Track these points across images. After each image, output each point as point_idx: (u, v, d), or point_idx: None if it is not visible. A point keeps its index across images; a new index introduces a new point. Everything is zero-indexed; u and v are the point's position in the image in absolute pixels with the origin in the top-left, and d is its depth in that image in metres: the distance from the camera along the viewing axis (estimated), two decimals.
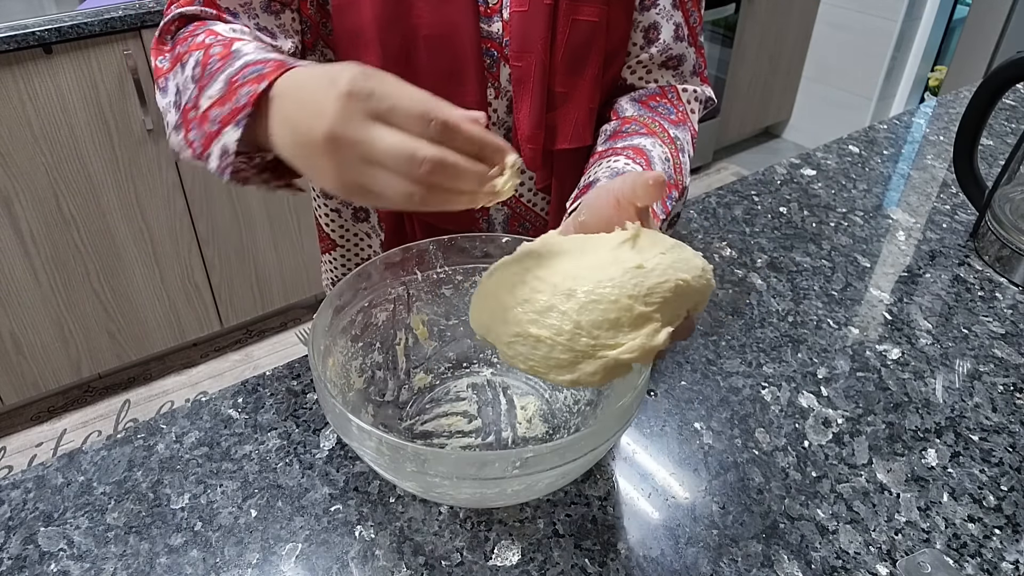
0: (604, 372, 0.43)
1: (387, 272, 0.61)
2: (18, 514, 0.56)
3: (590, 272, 0.44)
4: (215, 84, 0.52)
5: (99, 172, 1.69)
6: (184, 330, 2.02)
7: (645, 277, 0.43)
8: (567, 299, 0.43)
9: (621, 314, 0.42)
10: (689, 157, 0.72)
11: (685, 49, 0.74)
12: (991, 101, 0.85)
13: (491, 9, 0.66)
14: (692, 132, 0.74)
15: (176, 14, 0.63)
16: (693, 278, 0.45)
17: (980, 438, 0.63)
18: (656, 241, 0.46)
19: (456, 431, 0.62)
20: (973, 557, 0.54)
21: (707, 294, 0.47)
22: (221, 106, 0.50)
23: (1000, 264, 0.84)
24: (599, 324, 0.42)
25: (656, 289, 0.43)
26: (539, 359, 0.44)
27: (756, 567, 0.53)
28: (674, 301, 0.44)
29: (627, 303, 0.42)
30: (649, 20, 0.71)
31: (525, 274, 0.45)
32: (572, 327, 0.42)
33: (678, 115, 0.74)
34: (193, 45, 0.58)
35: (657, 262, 0.44)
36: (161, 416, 0.65)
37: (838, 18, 2.98)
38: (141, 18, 1.58)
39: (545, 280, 0.44)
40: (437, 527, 0.55)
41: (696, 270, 0.45)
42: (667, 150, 0.68)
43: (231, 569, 0.52)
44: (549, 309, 0.43)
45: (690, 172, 0.73)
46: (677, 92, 0.76)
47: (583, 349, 0.43)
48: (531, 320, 0.43)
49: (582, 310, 0.42)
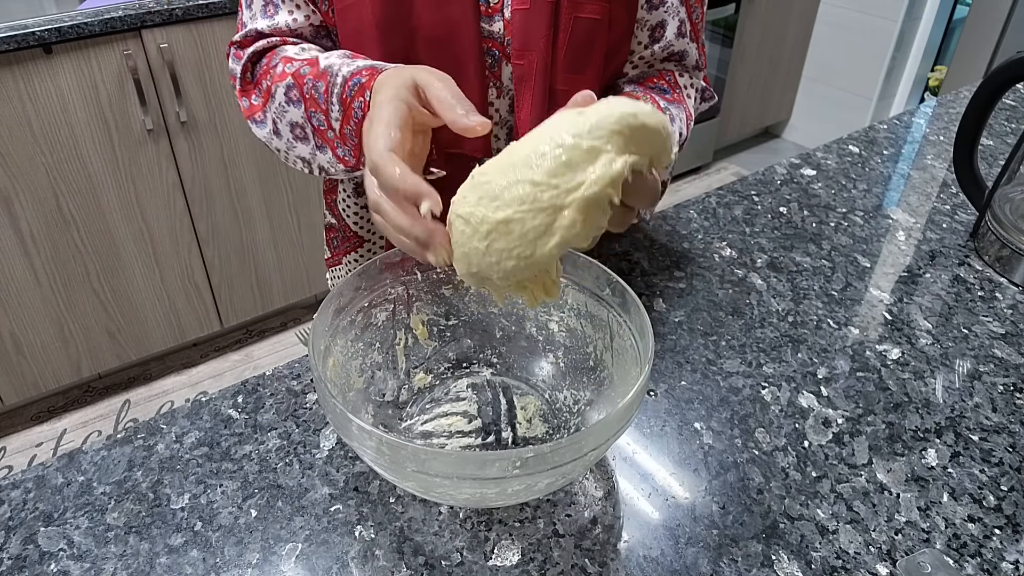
0: (582, 216, 0.42)
1: (387, 272, 0.61)
2: (18, 514, 0.56)
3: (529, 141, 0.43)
4: (333, 107, 0.61)
5: (99, 172, 1.69)
6: (184, 330, 2.02)
7: (587, 117, 0.42)
8: (513, 169, 0.42)
9: (571, 154, 0.41)
10: (680, 132, 0.72)
11: (687, 45, 0.75)
12: (991, 101, 0.85)
13: (492, 8, 0.66)
14: (687, 113, 0.75)
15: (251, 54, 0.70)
16: (641, 112, 0.42)
17: (980, 438, 0.63)
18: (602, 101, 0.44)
19: (456, 431, 0.62)
20: (973, 557, 0.54)
21: (664, 138, 0.44)
22: (348, 123, 0.60)
23: (1000, 264, 0.84)
24: (553, 172, 0.41)
25: (601, 124, 0.41)
26: (519, 241, 0.42)
27: (756, 567, 0.53)
28: (624, 135, 0.42)
29: (572, 142, 0.41)
30: (657, 19, 0.72)
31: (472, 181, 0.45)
32: (531, 187, 0.41)
33: (673, 95, 0.75)
34: (275, 77, 0.67)
35: (598, 106, 0.42)
36: (161, 416, 0.65)
37: (838, 18, 2.98)
38: (141, 18, 1.58)
39: (488, 172, 0.43)
40: (437, 527, 0.55)
41: (644, 107, 0.43)
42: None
43: (231, 569, 0.52)
44: (503, 189, 0.42)
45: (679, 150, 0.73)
46: (674, 76, 0.77)
47: (550, 203, 0.41)
48: (493, 209, 0.42)
49: (531, 168, 0.41)
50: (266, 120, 0.70)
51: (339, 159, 0.64)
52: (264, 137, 0.71)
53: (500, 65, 0.68)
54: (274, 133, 0.69)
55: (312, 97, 0.63)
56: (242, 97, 0.72)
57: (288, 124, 0.67)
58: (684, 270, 0.84)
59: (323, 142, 0.65)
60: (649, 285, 0.81)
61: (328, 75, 0.61)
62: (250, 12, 0.72)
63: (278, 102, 0.67)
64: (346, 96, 0.59)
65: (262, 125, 0.71)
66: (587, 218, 0.42)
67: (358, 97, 0.58)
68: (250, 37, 0.72)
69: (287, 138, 0.68)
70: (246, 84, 0.71)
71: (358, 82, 0.58)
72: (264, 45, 0.70)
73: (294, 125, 0.66)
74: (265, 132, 0.71)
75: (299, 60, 0.66)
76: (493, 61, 0.68)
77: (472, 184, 0.45)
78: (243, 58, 0.70)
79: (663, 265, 0.84)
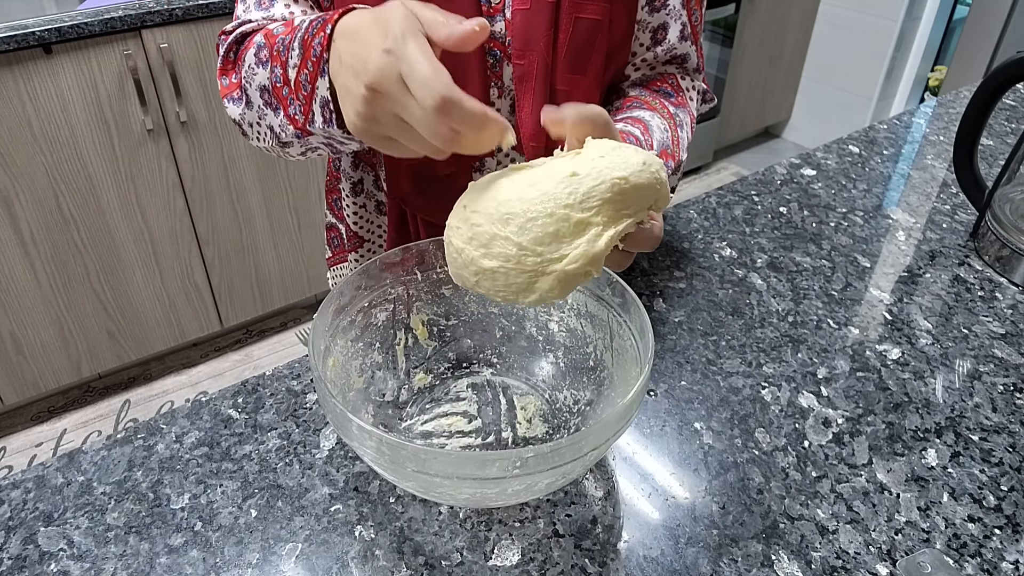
0: (560, 285, 0.44)
1: (387, 272, 0.61)
2: (18, 514, 0.56)
3: (524, 191, 0.43)
4: (293, 52, 0.54)
5: (99, 172, 1.69)
6: (184, 330, 2.02)
7: (579, 183, 0.43)
8: (504, 224, 0.43)
9: (559, 225, 0.42)
10: (687, 136, 0.73)
11: (689, 48, 0.75)
12: (991, 101, 0.85)
13: (493, 8, 0.66)
14: (691, 116, 0.76)
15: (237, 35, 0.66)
16: (632, 174, 0.43)
17: (980, 438, 0.63)
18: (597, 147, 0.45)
19: (456, 431, 0.62)
20: (973, 557, 0.54)
21: (658, 189, 0.45)
22: (304, 67, 0.53)
23: (1000, 264, 0.84)
24: (540, 240, 0.42)
25: (592, 193, 0.42)
26: (503, 288, 0.44)
27: (756, 567, 0.53)
28: (616, 201, 0.43)
29: (563, 213, 0.42)
30: (659, 21, 0.72)
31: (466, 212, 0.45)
32: (517, 250, 0.43)
33: (678, 99, 0.75)
34: (249, 44, 0.62)
35: (592, 166, 0.43)
36: (161, 416, 0.65)
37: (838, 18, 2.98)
38: (141, 18, 1.58)
39: (481, 212, 0.44)
40: (437, 527, 0.55)
41: (635, 165, 0.44)
42: (665, 123, 0.69)
43: (231, 569, 0.52)
44: (492, 239, 0.43)
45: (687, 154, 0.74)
46: (676, 79, 0.77)
47: (533, 268, 0.43)
48: (481, 255, 0.44)
49: (521, 231, 0.42)
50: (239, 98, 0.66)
51: (289, 119, 0.58)
52: (237, 116, 0.66)
53: (501, 65, 0.68)
54: (246, 104, 0.64)
55: (277, 52, 0.57)
56: (221, 76, 0.67)
57: (257, 88, 0.62)
58: (684, 270, 0.84)
59: (277, 101, 0.59)
60: (649, 285, 0.81)
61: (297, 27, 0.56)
62: (244, 5, 0.70)
63: (248, 64, 0.62)
64: (306, 36, 0.53)
65: (237, 102, 0.66)
66: (565, 286, 0.44)
67: (319, 33, 0.51)
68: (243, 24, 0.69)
69: (257, 105, 0.62)
70: (227, 63, 0.67)
71: (322, 19, 0.52)
72: (252, 27, 0.66)
73: (263, 89, 0.61)
74: (239, 109, 0.65)
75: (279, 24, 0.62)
76: (495, 61, 0.68)
77: (463, 218, 0.46)
78: (229, 39, 0.67)
79: (663, 265, 0.84)
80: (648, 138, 0.66)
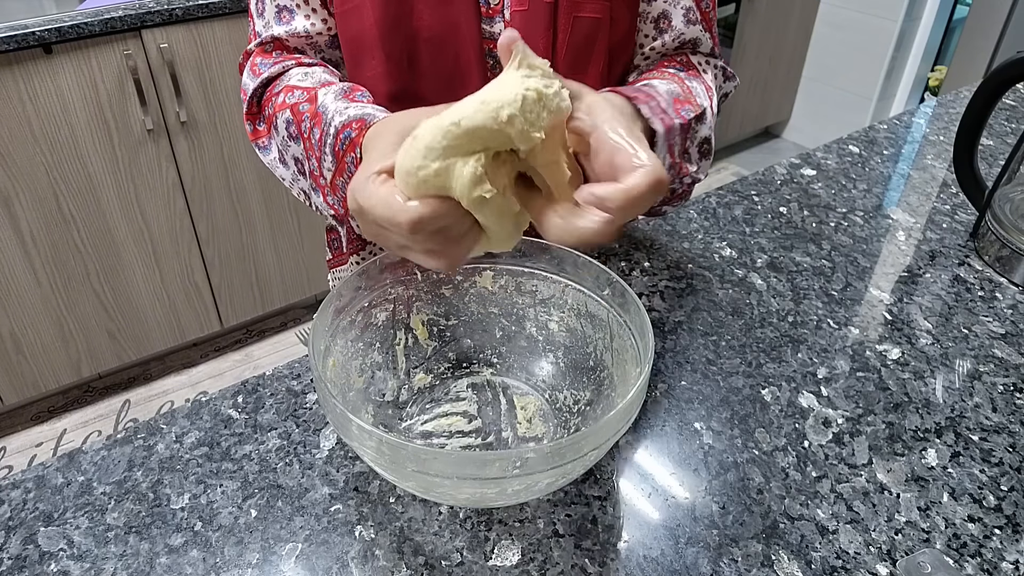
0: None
1: (387, 272, 0.61)
2: (18, 514, 0.56)
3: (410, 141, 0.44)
4: (327, 157, 0.60)
5: (99, 172, 1.69)
6: (184, 330, 2.02)
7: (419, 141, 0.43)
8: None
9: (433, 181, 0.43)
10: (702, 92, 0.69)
11: (699, 33, 0.73)
12: (991, 101, 0.85)
13: (493, 10, 0.66)
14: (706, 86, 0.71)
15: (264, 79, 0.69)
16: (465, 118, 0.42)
17: (980, 438, 0.63)
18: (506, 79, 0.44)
19: (456, 431, 0.62)
20: (973, 557, 0.54)
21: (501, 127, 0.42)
22: (340, 175, 0.60)
23: (1000, 264, 0.84)
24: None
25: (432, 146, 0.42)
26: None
27: (756, 567, 0.53)
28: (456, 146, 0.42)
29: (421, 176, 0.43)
30: (657, 10, 0.71)
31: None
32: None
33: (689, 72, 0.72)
34: (276, 106, 0.67)
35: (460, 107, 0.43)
36: (161, 416, 0.65)
37: (838, 18, 2.98)
38: (141, 18, 1.58)
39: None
40: (437, 527, 0.55)
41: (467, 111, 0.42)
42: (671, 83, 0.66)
43: (231, 569, 0.52)
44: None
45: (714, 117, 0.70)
46: (687, 56, 0.74)
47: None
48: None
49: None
50: (270, 147, 0.71)
51: (329, 206, 0.64)
52: (269, 163, 0.72)
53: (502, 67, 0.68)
54: (280, 162, 0.70)
55: (309, 140, 0.63)
56: (247, 120, 0.72)
57: (292, 158, 0.67)
58: (684, 270, 0.84)
59: (316, 186, 0.65)
60: (649, 285, 0.81)
61: (323, 121, 0.61)
62: (263, 21, 0.71)
63: (282, 136, 0.67)
64: (338, 149, 0.59)
65: (266, 151, 0.71)
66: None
67: (349, 152, 0.58)
68: (265, 43, 0.72)
69: (293, 170, 0.69)
70: (252, 108, 0.71)
71: (348, 136, 0.58)
72: (278, 69, 0.69)
73: (297, 160, 0.67)
74: (270, 159, 0.71)
75: (300, 90, 0.66)
76: (495, 62, 0.68)
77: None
78: (258, 77, 0.70)
79: (663, 265, 0.84)
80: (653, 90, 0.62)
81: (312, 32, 0.71)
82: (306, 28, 0.70)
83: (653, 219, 0.92)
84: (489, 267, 0.64)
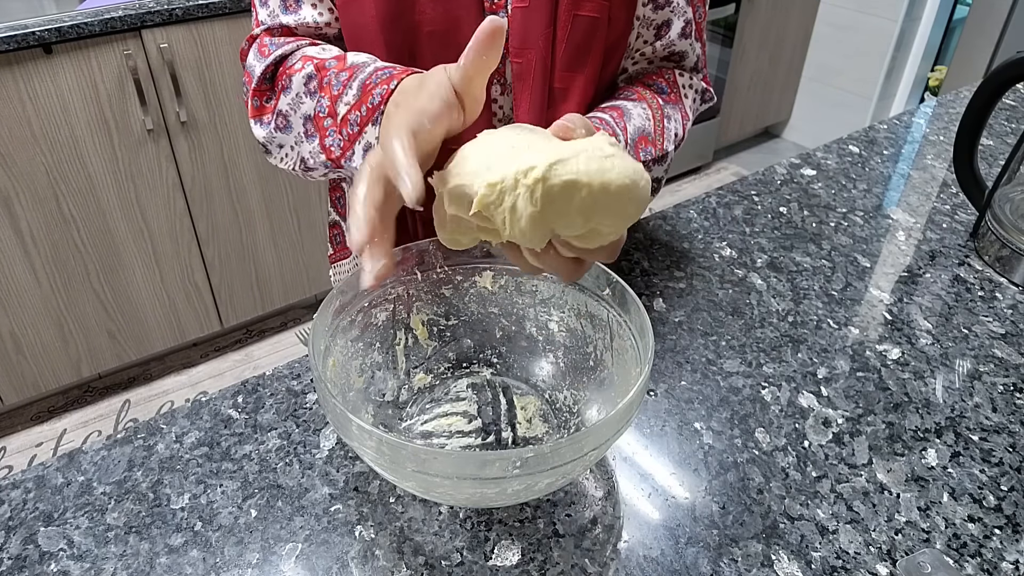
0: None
1: None
2: (18, 514, 0.56)
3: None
4: (350, 91, 0.58)
5: (99, 172, 1.69)
6: (184, 330, 2.02)
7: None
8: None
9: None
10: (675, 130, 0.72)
11: (689, 46, 0.75)
12: (991, 101, 0.85)
13: (496, 5, 0.66)
14: (683, 114, 0.75)
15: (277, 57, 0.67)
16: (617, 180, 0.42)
17: (980, 438, 0.63)
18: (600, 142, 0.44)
19: (456, 431, 0.62)
20: (973, 557, 0.54)
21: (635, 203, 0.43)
22: (358, 109, 0.57)
23: (1000, 264, 0.84)
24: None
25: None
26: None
27: (756, 567, 0.53)
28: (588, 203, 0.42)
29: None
30: (663, 18, 0.72)
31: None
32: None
33: (671, 95, 0.75)
34: (293, 69, 0.64)
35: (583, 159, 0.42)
36: (161, 416, 0.65)
37: (838, 18, 2.98)
38: (141, 18, 1.58)
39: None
40: (437, 527, 0.55)
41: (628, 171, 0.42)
42: (649, 112, 0.69)
43: (231, 569, 0.52)
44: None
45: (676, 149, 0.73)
46: (674, 75, 0.77)
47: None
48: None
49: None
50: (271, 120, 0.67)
51: (324, 148, 0.61)
52: (264, 136, 0.68)
53: (504, 62, 0.68)
54: (282, 129, 0.66)
55: (329, 86, 0.60)
56: (255, 96, 0.68)
57: (302, 116, 0.64)
58: (684, 270, 0.84)
59: (314, 130, 0.62)
60: (649, 285, 0.81)
61: (357, 68, 0.59)
62: (268, 10, 0.70)
63: (295, 94, 0.64)
64: (369, 82, 0.57)
65: (266, 125, 0.68)
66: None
67: (382, 84, 0.56)
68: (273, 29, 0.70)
69: (297, 132, 0.65)
70: (262, 86, 0.68)
71: (389, 72, 0.56)
72: (292, 47, 0.67)
73: (307, 118, 0.63)
74: (267, 131, 0.68)
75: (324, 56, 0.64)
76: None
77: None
78: (267, 56, 0.67)
79: (663, 265, 0.84)
80: (622, 123, 0.66)
81: (320, 23, 0.69)
82: (314, 18, 0.69)
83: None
84: (489, 267, 0.64)
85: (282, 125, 0.66)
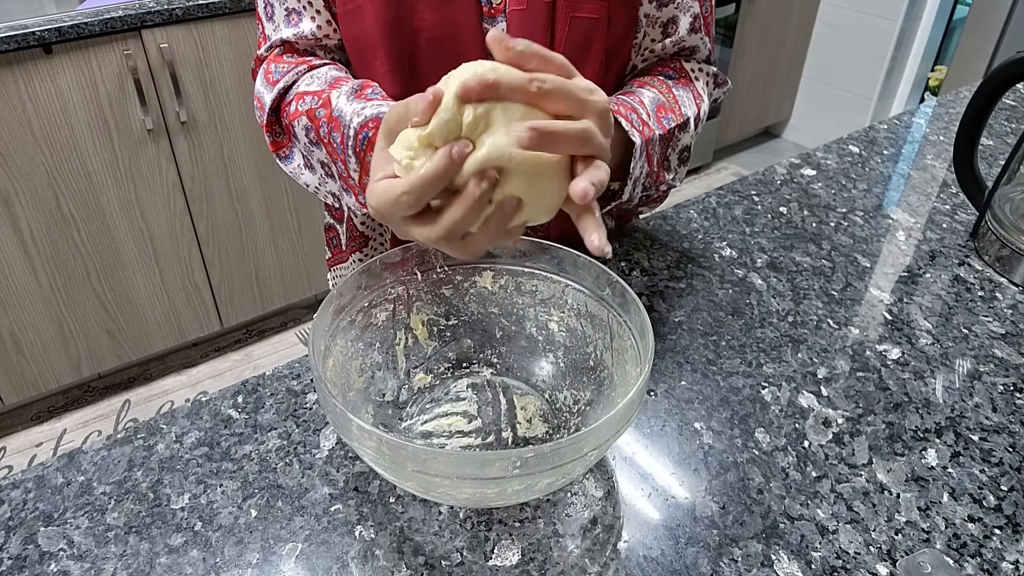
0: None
1: (387, 272, 0.61)
2: (18, 514, 0.56)
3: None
4: (351, 160, 0.62)
5: (99, 172, 1.69)
6: (184, 330, 2.02)
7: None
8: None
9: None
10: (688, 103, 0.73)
11: (699, 40, 0.75)
12: (991, 101, 0.85)
13: (495, 9, 0.66)
14: (695, 94, 0.75)
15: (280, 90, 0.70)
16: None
17: (980, 438, 0.63)
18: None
19: (456, 431, 0.62)
20: (973, 557, 0.54)
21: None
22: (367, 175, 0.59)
23: (1000, 264, 0.84)
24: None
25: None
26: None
27: (756, 567, 0.53)
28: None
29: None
30: (668, 15, 0.72)
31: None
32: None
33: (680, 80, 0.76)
34: (292, 115, 0.68)
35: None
36: (161, 416, 0.65)
37: (838, 18, 2.98)
38: (141, 18, 1.58)
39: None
40: (437, 527, 0.55)
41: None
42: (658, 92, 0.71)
43: (231, 569, 0.52)
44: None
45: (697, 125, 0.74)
46: (680, 63, 0.77)
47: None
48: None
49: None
50: (293, 155, 0.71)
51: (361, 205, 0.65)
52: (292, 172, 0.72)
53: None
54: (306, 168, 0.71)
55: (330, 144, 0.64)
56: (266, 131, 0.73)
57: (318, 162, 0.68)
58: (684, 270, 0.84)
59: (347, 187, 0.66)
60: (649, 285, 0.81)
61: (341, 124, 0.62)
62: (273, 24, 0.72)
63: (303, 142, 0.68)
64: (359, 151, 0.61)
65: (288, 160, 0.72)
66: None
67: (369, 152, 0.59)
68: (275, 47, 0.73)
69: (320, 174, 0.69)
70: (271, 120, 0.72)
71: (366, 137, 0.60)
72: (291, 77, 0.70)
73: (323, 163, 0.68)
74: (293, 167, 0.72)
75: (310, 95, 0.67)
76: None
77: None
78: (273, 86, 0.70)
79: (663, 265, 0.84)
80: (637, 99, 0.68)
81: (319, 34, 0.71)
82: (312, 30, 0.70)
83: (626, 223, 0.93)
84: (489, 267, 0.64)
85: (307, 166, 0.71)
